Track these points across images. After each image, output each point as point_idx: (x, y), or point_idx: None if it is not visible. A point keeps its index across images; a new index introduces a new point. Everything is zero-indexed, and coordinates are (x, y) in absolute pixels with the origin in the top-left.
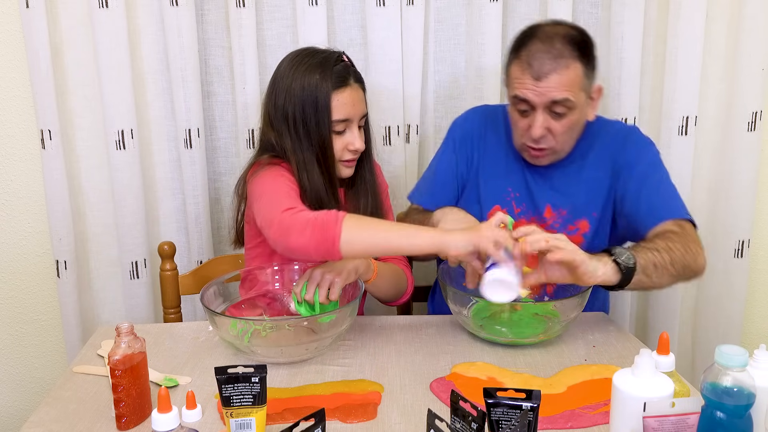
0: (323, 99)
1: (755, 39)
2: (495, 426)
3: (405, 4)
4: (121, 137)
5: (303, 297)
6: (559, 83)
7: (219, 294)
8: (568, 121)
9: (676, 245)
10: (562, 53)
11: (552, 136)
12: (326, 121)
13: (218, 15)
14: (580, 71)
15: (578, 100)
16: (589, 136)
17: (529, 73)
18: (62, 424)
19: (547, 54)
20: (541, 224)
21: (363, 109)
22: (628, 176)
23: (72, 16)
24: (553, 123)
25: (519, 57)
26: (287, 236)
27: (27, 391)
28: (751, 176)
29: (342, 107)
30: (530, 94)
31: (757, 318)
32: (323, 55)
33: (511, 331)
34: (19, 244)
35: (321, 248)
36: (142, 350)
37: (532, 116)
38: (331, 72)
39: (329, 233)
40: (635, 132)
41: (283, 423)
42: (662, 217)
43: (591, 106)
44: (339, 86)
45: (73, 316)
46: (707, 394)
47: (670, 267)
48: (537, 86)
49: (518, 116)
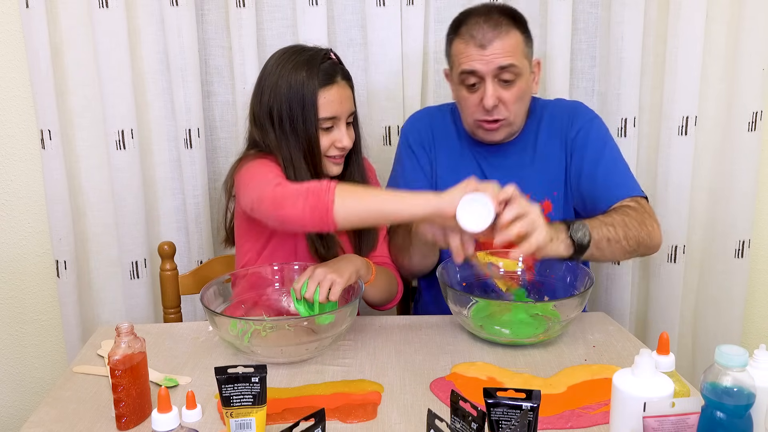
0: (310, 96)
1: (755, 39)
2: (495, 426)
3: (405, 4)
4: (121, 137)
5: (303, 294)
6: (502, 49)
7: (219, 294)
8: (518, 89)
9: (632, 221)
10: (500, 22)
11: (504, 105)
12: (313, 119)
13: (218, 15)
14: (520, 38)
15: (523, 67)
16: (536, 116)
17: (473, 44)
18: (62, 424)
19: (486, 23)
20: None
21: (350, 107)
22: (581, 156)
23: (72, 16)
24: (502, 92)
25: (459, 34)
26: (281, 208)
27: (27, 391)
28: (751, 176)
29: (329, 105)
30: (477, 64)
31: (757, 318)
32: (310, 53)
33: (511, 331)
34: (19, 244)
35: (315, 216)
36: (142, 350)
37: (482, 88)
38: (318, 69)
39: (322, 201)
40: (580, 107)
41: (283, 423)
42: (618, 196)
43: (534, 80)
44: (326, 84)
45: (73, 316)
46: (707, 394)
47: (624, 242)
48: (483, 55)
49: (467, 93)
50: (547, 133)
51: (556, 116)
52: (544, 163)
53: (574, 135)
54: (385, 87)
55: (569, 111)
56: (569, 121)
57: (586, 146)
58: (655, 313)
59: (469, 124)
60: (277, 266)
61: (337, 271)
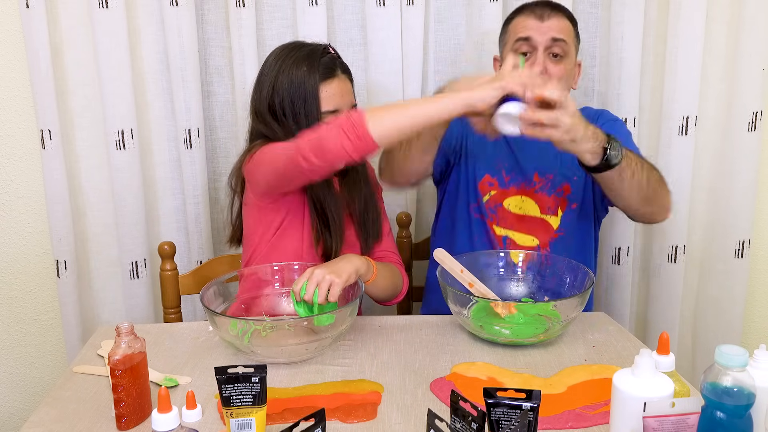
0: (312, 91)
1: (755, 39)
2: (495, 426)
3: (405, 4)
4: (121, 137)
5: (302, 297)
6: (558, 25)
7: (219, 294)
8: (563, 68)
9: (657, 174)
10: (557, 8)
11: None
12: (315, 113)
13: (218, 15)
14: (572, 28)
15: (571, 49)
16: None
17: (532, 16)
18: (62, 424)
19: (547, 5)
20: (530, 189)
21: (351, 100)
22: None
23: (72, 16)
24: (550, 65)
25: (520, 12)
26: (322, 146)
27: (27, 391)
28: (751, 176)
29: (330, 98)
30: (534, 33)
31: (757, 318)
32: (309, 48)
33: (511, 332)
34: (19, 244)
35: (355, 140)
36: (142, 350)
37: (533, 58)
38: (318, 64)
39: (357, 124)
40: (605, 112)
41: (283, 423)
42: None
43: (575, 79)
44: (326, 77)
45: (73, 316)
46: (707, 394)
47: (645, 183)
48: (540, 25)
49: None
50: None
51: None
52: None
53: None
54: (385, 87)
55: (596, 112)
56: (595, 117)
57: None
58: (655, 313)
59: None
60: (277, 266)
61: (336, 272)
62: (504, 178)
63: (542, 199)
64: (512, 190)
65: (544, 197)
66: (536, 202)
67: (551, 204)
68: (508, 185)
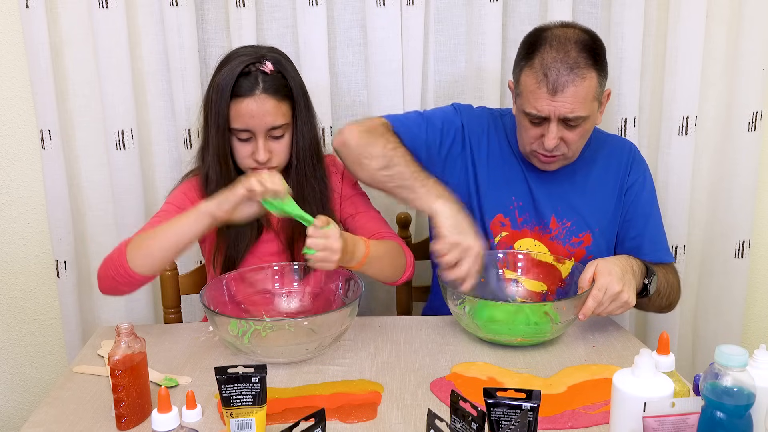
0: (223, 106)
1: (755, 39)
2: (495, 426)
3: (405, 4)
4: (121, 137)
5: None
6: (575, 97)
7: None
8: (581, 130)
9: (674, 289)
10: (577, 62)
11: (565, 144)
12: (223, 128)
13: (218, 15)
14: (595, 81)
15: (592, 112)
16: (594, 146)
17: (545, 86)
18: (62, 424)
19: (562, 64)
20: (546, 235)
21: (272, 121)
22: (633, 205)
23: (72, 16)
24: (566, 133)
25: (532, 66)
26: (105, 274)
27: (27, 391)
28: (751, 176)
29: (239, 117)
30: (545, 109)
31: (757, 318)
32: (240, 59)
33: (512, 332)
34: (19, 244)
35: (118, 276)
36: (142, 350)
37: (545, 126)
38: (236, 79)
39: (119, 262)
40: (637, 153)
41: (283, 423)
42: (662, 258)
43: (600, 111)
44: (238, 96)
45: (73, 316)
46: (707, 394)
47: (664, 301)
48: (553, 101)
49: (529, 124)
50: (603, 168)
51: (614, 155)
52: (594, 197)
53: (631, 184)
54: (385, 87)
55: (628, 154)
56: (627, 166)
57: (639, 200)
58: (655, 314)
59: (524, 150)
60: (277, 266)
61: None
62: (517, 219)
63: (557, 249)
64: (525, 231)
65: (558, 247)
66: (549, 249)
67: (565, 254)
68: (521, 226)
